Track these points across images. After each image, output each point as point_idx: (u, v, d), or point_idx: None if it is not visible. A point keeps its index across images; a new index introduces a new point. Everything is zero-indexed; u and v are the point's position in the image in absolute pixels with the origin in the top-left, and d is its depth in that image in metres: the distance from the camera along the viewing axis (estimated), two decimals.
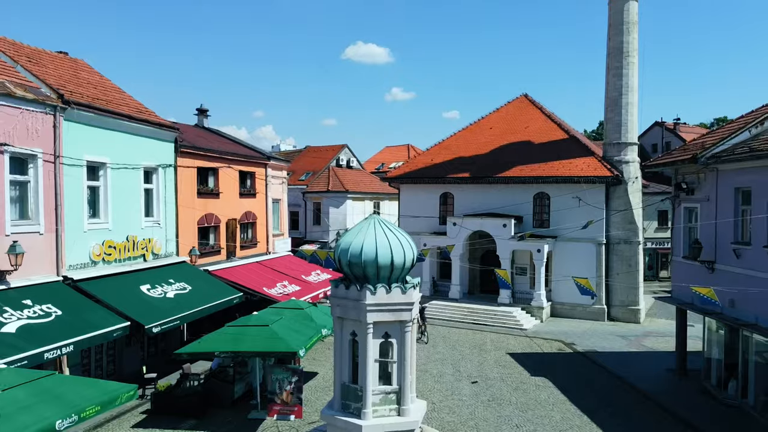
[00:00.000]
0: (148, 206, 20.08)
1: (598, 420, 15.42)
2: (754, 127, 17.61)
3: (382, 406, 8.54)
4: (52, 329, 13.33)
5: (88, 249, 16.99)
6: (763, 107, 18.88)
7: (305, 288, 24.09)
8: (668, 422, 15.58)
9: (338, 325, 8.86)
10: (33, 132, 15.10)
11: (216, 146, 25.41)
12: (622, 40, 29.58)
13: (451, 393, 17.61)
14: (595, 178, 28.92)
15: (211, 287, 20.25)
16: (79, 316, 14.42)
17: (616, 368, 20.59)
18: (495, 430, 14.69)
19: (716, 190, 17.76)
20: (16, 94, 14.51)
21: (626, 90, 29.57)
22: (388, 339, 8.61)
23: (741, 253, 16.40)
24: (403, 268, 8.50)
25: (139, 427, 14.41)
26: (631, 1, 29.49)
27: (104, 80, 21.42)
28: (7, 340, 12.20)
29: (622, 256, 29.39)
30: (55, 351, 12.81)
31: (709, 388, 18.05)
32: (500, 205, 31.30)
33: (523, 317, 28.35)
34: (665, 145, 49.38)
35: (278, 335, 14.50)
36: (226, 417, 15.11)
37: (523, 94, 37.66)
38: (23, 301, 13.87)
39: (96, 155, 17.39)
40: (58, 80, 17.61)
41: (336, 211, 39.94)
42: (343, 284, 8.65)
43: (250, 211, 27.07)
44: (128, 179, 18.84)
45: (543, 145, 32.28)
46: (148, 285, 17.93)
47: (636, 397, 17.55)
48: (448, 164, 33.85)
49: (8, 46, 18.10)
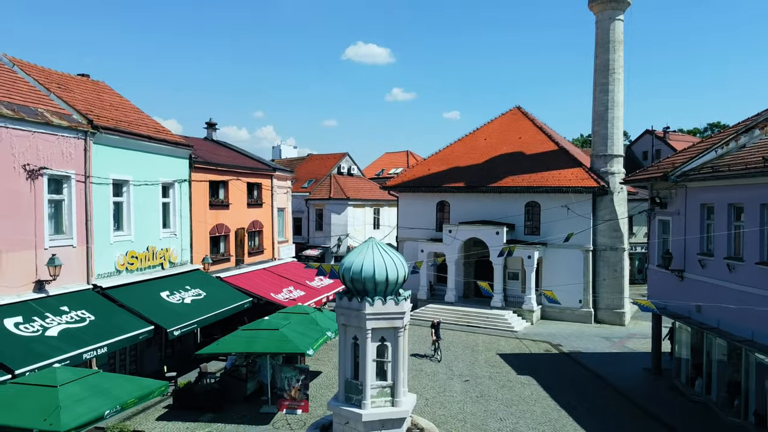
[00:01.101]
0: (166, 218, 21.80)
1: (574, 415, 17.11)
2: (720, 148, 19.29)
3: (378, 398, 10.27)
4: (87, 333, 15.05)
5: (114, 259, 18.72)
6: (728, 128, 20.59)
7: (309, 293, 25.81)
8: (639, 417, 17.27)
9: (342, 331, 10.59)
10: (67, 155, 16.83)
11: (225, 160, 27.13)
12: (608, 57, 31.29)
13: (443, 390, 19.32)
14: (582, 188, 30.63)
15: (223, 293, 21.97)
16: (109, 321, 16.15)
17: (597, 368, 22.28)
18: (481, 423, 16.39)
19: (685, 205, 19.47)
20: (53, 123, 16.24)
21: (612, 105, 31.28)
22: (384, 342, 10.34)
23: (705, 264, 18.12)
24: (396, 283, 10.22)
25: (163, 419, 16.11)
26: (617, 21, 31.21)
27: (124, 101, 23.15)
28: (52, 342, 13.92)
29: (608, 262, 31.08)
30: (92, 352, 14.54)
31: (678, 385, 19.76)
32: (494, 214, 33.00)
33: (514, 320, 30.04)
34: (655, 153, 51.14)
35: (287, 338, 16.22)
36: (241, 411, 16.81)
37: (516, 106, 39.39)
38: (61, 308, 15.58)
39: (120, 174, 19.12)
40: (86, 105, 19.32)
41: (337, 217, 41.65)
42: (347, 296, 10.38)
43: (257, 220, 28.78)
44: (148, 194, 20.56)
45: (534, 156, 33.99)
46: (167, 292, 19.66)
47: (612, 394, 19.25)
48: (444, 174, 35.56)
49: (39, 73, 19.80)
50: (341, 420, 10.43)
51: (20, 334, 13.75)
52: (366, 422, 10.06)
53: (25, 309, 14.71)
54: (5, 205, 14.72)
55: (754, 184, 15.73)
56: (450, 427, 15.94)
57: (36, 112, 16.11)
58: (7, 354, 12.72)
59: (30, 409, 10.22)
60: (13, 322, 13.98)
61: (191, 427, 15.62)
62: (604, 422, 16.67)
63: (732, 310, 16.14)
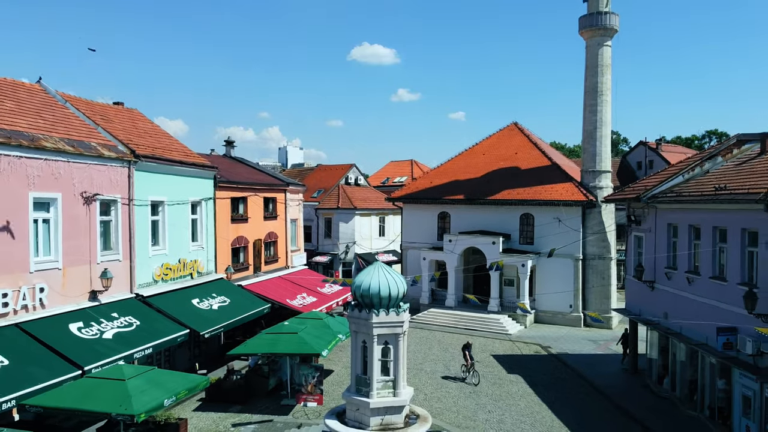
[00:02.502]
0: (194, 233, 24.46)
1: (553, 408, 19.63)
2: (686, 173, 21.77)
3: (383, 390, 12.85)
4: (136, 336, 17.71)
5: (152, 270, 21.39)
6: (695, 155, 23.03)
7: (321, 299, 28.42)
8: (610, 410, 19.77)
9: (354, 336, 13.19)
10: (114, 182, 19.51)
11: (244, 177, 29.79)
12: (597, 80, 33.75)
13: (440, 387, 21.88)
14: (572, 202, 33.09)
15: (245, 300, 24.61)
16: (152, 325, 18.80)
17: (580, 368, 24.76)
18: (472, 415, 18.94)
19: (655, 223, 21.96)
20: (104, 155, 18.93)
21: (600, 125, 33.74)
22: (387, 345, 12.92)
23: (671, 276, 20.61)
24: (396, 298, 12.80)
25: (198, 410, 18.74)
26: (605, 47, 33.67)
27: (155, 127, 25.85)
28: (109, 344, 16.58)
29: (597, 270, 33.53)
30: (141, 352, 17.21)
31: (649, 383, 22.24)
32: (491, 224, 35.50)
33: (509, 323, 32.54)
34: (648, 163, 53.46)
35: (305, 340, 18.83)
36: (264, 403, 19.42)
37: (513, 122, 41.90)
38: (112, 314, 18.25)
39: (157, 195, 21.78)
40: (126, 134, 21.99)
41: (345, 225, 44.24)
42: (357, 308, 12.97)
43: (273, 231, 31.42)
44: (179, 212, 23.22)
45: (529, 170, 36.48)
46: (197, 299, 22.31)
47: (590, 391, 21.76)
48: (445, 186, 38.11)
49: (84, 106, 22.48)
50: (353, 407, 13.00)
51: (83, 337, 16.42)
52: (373, 409, 12.64)
53: (84, 316, 17.39)
54: (68, 228, 17.41)
55: (708, 210, 18.21)
56: (444, 418, 18.51)
57: (90, 146, 18.80)
58: (77, 353, 15.37)
59: (106, 398, 12.86)
60: (76, 327, 16.65)
61: (222, 417, 18.25)
62: (578, 414, 19.17)
63: (693, 316, 18.61)
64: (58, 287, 17.08)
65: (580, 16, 34.07)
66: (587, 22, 33.67)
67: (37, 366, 14.25)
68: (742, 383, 16.49)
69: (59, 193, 17.16)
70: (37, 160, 16.34)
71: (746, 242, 16.43)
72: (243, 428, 17.28)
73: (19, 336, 15.03)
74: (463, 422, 18.30)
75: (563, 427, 18.06)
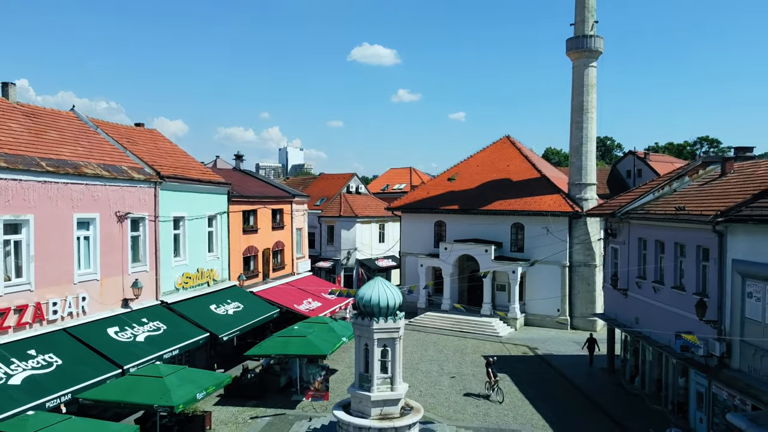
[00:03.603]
0: (210, 244, 26.79)
1: (535, 404, 21.94)
2: (657, 191, 24.11)
3: (382, 385, 15.20)
4: (164, 338, 20.05)
5: (174, 279, 23.73)
6: (665, 175, 25.39)
7: (325, 304, 30.77)
8: (584, 404, 22.11)
9: (357, 340, 15.54)
10: (143, 201, 21.86)
11: (254, 191, 32.13)
12: (583, 99, 36.11)
13: (434, 384, 24.22)
14: (559, 212, 35.43)
15: (256, 305, 26.94)
16: (177, 330, 21.14)
17: (562, 367, 27.09)
18: (461, 409, 21.28)
19: (629, 237, 24.29)
20: (135, 178, 21.29)
21: (586, 140, 36.11)
22: (386, 347, 15.27)
23: (641, 285, 22.95)
24: (393, 308, 15.16)
25: (218, 405, 21.07)
26: (590, 68, 36.03)
27: (174, 147, 28.21)
28: (142, 346, 18.92)
29: (582, 276, 35.87)
30: (170, 353, 19.54)
31: (623, 382, 24.59)
32: (484, 233, 37.82)
33: (500, 326, 34.86)
34: (637, 172, 55.84)
35: (313, 343, 21.18)
36: (276, 399, 21.76)
37: (506, 136, 44.29)
38: (142, 319, 20.59)
39: (178, 211, 24.12)
40: (150, 156, 24.33)
41: (347, 233, 46.57)
42: (360, 317, 15.33)
43: (280, 241, 33.77)
44: (197, 226, 25.56)
45: (519, 182, 38.84)
46: (215, 305, 24.65)
47: (569, 388, 24.11)
48: (441, 197, 40.47)
49: (112, 130, 24.82)
50: (357, 400, 15.34)
51: (119, 340, 18.77)
52: (374, 401, 14.98)
53: (118, 321, 19.73)
54: (105, 244, 19.77)
55: (670, 227, 20.54)
56: (437, 411, 20.84)
57: (122, 170, 21.15)
58: (116, 354, 17.71)
59: (148, 392, 15.19)
60: (113, 331, 19.01)
61: (240, 410, 20.59)
62: (555, 408, 21.52)
63: (658, 321, 20.96)
64: (97, 296, 19.43)
65: (568, 39, 36.46)
66: (574, 44, 36.04)
67: (85, 365, 16.60)
68: (696, 381, 18.86)
69: (97, 213, 19.52)
70: (79, 185, 18.69)
71: (700, 257, 18.75)
72: (259, 420, 19.63)
73: (67, 339, 17.38)
74: (453, 415, 20.64)
75: (542, 419, 20.41)
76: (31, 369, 15.31)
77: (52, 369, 15.76)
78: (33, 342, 16.38)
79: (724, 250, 17.12)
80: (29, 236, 16.84)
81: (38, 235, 17.10)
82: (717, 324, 17.28)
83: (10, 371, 14.77)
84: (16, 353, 15.52)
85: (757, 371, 15.64)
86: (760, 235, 15.70)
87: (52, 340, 16.88)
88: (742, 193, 18.14)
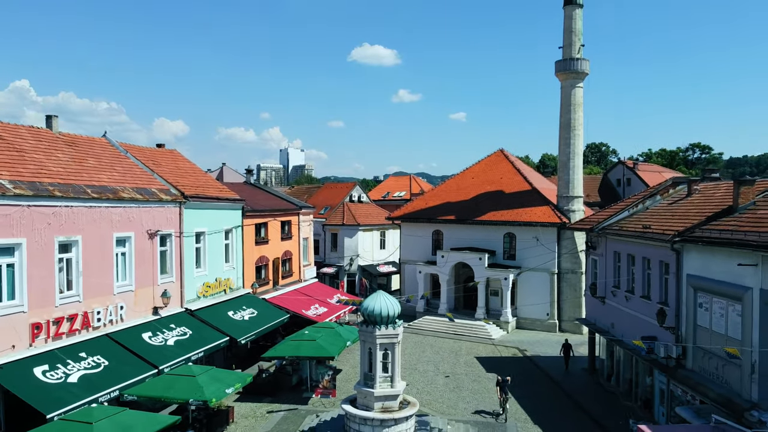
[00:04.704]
0: (227, 255, 29.40)
1: (519, 400, 24.53)
2: (632, 208, 26.70)
3: (383, 383, 17.82)
4: (191, 342, 22.66)
5: (196, 289, 26.35)
6: (641, 192, 27.96)
7: (330, 309, 33.39)
8: (566, 403, 24.70)
9: (362, 344, 18.17)
10: (170, 219, 24.49)
11: (265, 205, 34.76)
12: (570, 117, 38.70)
13: (430, 383, 26.83)
14: (548, 223, 38.03)
15: (269, 311, 29.56)
16: (200, 334, 23.76)
17: (547, 367, 29.68)
18: (453, 404, 23.89)
19: (606, 250, 26.89)
20: (163, 199, 23.92)
21: (573, 156, 38.71)
22: (386, 351, 17.89)
23: (615, 294, 25.55)
24: (393, 317, 17.78)
25: (238, 401, 23.68)
26: (577, 88, 38.63)
27: (194, 166, 30.84)
28: (173, 349, 21.54)
29: (570, 283, 38.44)
30: (197, 355, 22.16)
31: (600, 380, 27.20)
32: (478, 242, 40.42)
33: (493, 329, 37.45)
34: (627, 181, 58.50)
35: (322, 345, 23.80)
36: (289, 396, 24.38)
37: (500, 149, 46.93)
38: (170, 325, 23.22)
39: (199, 227, 26.74)
40: (173, 177, 26.94)
41: (350, 240, 49.21)
42: (364, 324, 17.97)
43: (288, 250, 36.40)
44: (215, 239, 28.18)
45: (511, 194, 41.45)
46: (232, 311, 27.26)
47: (550, 385, 26.72)
48: (438, 208, 43.10)
49: (138, 153, 27.43)
50: (362, 395, 17.97)
51: (153, 343, 21.39)
52: (376, 396, 17.60)
53: (150, 327, 22.35)
54: (139, 259, 22.40)
55: (639, 243, 23.14)
56: (432, 407, 23.46)
57: (152, 192, 23.78)
58: (151, 356, 20.33)
59: (184, 389, 17.81)
60: (147, 335, 21.63)
61: (258, 406, 23.22)
62: (538, 405, 24.12)
63: (629, 326, 23.54)
64: (132, 305, 22.06)
65: (556, 61, 39.06)
66: (562, 66, 38.64)
67: (127, 365, 19.23)
68: (659, 380, 21.46)
69: (132, 231, 22.15)
70: (118, 208, 21.33)
71: (663, 271, 21.33)
72: (275, 414, 22.27)
73: (110, 343, 20.01)
74: (446, 410, 23.25)
75: (524, 413, 23.03)
76: (84, 369, 17.93)
77: (101, 369, 18.38)
78: (82, 346, 19.01)
79: (681, 266, 19.73)
80: (78, 254, 19.48)
81: (85, 252, 19.74)
82: (675, 330, 19.90)
83: (68, 371, 17.40)
84: (71, 356, 18.14)
85: (705, 371, 18.25)
86: (708, 254, 18.28)
87: (97, 344, 19.51)
88: (699, 214, 20.73)
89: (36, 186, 18.06)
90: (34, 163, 19.52)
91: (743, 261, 16.04)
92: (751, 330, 16.02)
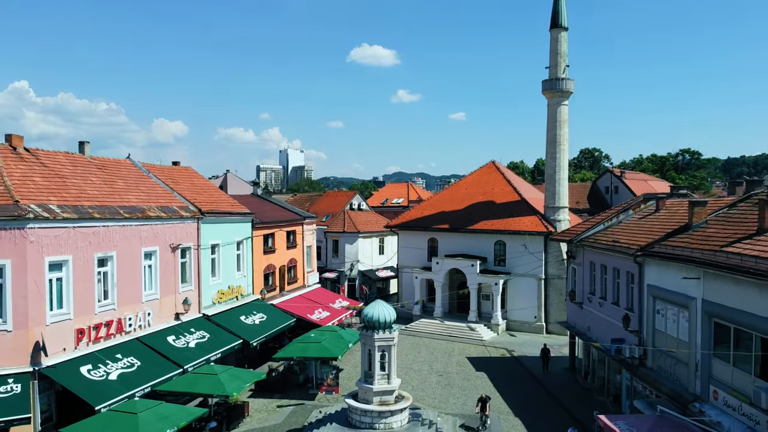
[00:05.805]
0: (238, 264, 32.12)
1: (504, 396, 27.26)
2: (607, 221, 29.43)
3: (381, 380, 20.57)
4: (209, 344, 25.37)
5: (211, 296, 29.06)
6: (618, 206, 30.70)
7: (333, 313, 36.11)
8: (546, 398, 27.41)
9: (363, 346, 20.92)
10: (189, 234, 27.20)
11: (271, 216, 37.47)
12: (556, 133, 41.45)
13: (424, 381, 29.56)
14: (536, 232, 40.77)
15: (277, 315, 32.28)
16: (217, 338, 26.46)
17: (532, 367, 32.40)
18: (444, 399, 26.63)
19: (583, 259, 29.63)
20: (183, 215, 26.64)
21: (558, 169, 41.45)
22: (384, 352, 20.64)
23: (591, 300, 28.29)
24: (390, 323, 20.53)
25: (251, 397, 26.37)
26: (563, 106, 41.37)
27: (207, 183, 33.57)
28: (195, 351, 24.24)
29: (556, 287, 41.16)
30: (215, 356, 24.86)
31: (579, 379, 29.94)
32: (471, 249, 43.15)
33: (484, 331, 40.18)
34: (614, 188, 61.24)
35: (326, 347, 26.53)
36: (297, 392, 27.11)
37: (492, 161, 49.74)
38: (191, 329, 25.91)
39: (214, 239, 29.44)
40: (190, 194, 29.64)
41: (350, 246, 51.96)
42: (365, 329, 20.71)
43: (293, 258, 39.11)
44: (228, 250, 30.89)
45: (502, 204, 44.20)
46: (244, 316, 29.97)
47: (532, 383, 29.45)
48: (434, 216, 45.84)
49: (158, 171, 30.12)
50: (363, 391, 20.70)
51: (177, 346, 24.10)
52: (375, 392, 20.33)
53: (174, 331, 25.06)
54: (163, 270, 25.11)
55: (609, 255, 25.87)
56: (424, 402, 26.18)
57: (173, 209, 26.49)
58: (177, 357, 23.03)
59: (207, 385, 20.52)
60: (171, 339, 24.34)
61: (269, 401, 25.94)
62: (521, 400, 26.86)
63: (602, 329, 26.27)
64: (157, 311, 24.77)
65: (543, 80, 41.79)
66: (548, 85, 41.39)
67: (157, 365, 21.93)
68: (626, 377, 24.19)
69: (158, 246, 24.87)
70: (146, 225, 24.05)
71: (629, 280, 24.06)
72: (285, 408, 25.00)
73: (140, 346, 22.71)
74: (438, 405, 25.98)
75: (507, 407, 25.78)
76: (121, 369, 20.64)
77: (135, 369, 21.09)
78: (117, 348, 21.70)
79: (643, 277, 22.46)
80: (113, 268, 22.19)
81: (119, 266, 22.44)
82: (638, 333, 22.64)
83: (108, 370, 20.11)
84: (109, 357, 20.85)
85: (662, 369, 20.99)
86: (664, 267, 21.00)
87: (130, 347, 22.21)
88: (661, 230, 23.45)
89: (79, 209, 20.78)
90: (74, 187, 22.23)
91: (688, 275, 18.79)
92: (695, 334, 18.76)
